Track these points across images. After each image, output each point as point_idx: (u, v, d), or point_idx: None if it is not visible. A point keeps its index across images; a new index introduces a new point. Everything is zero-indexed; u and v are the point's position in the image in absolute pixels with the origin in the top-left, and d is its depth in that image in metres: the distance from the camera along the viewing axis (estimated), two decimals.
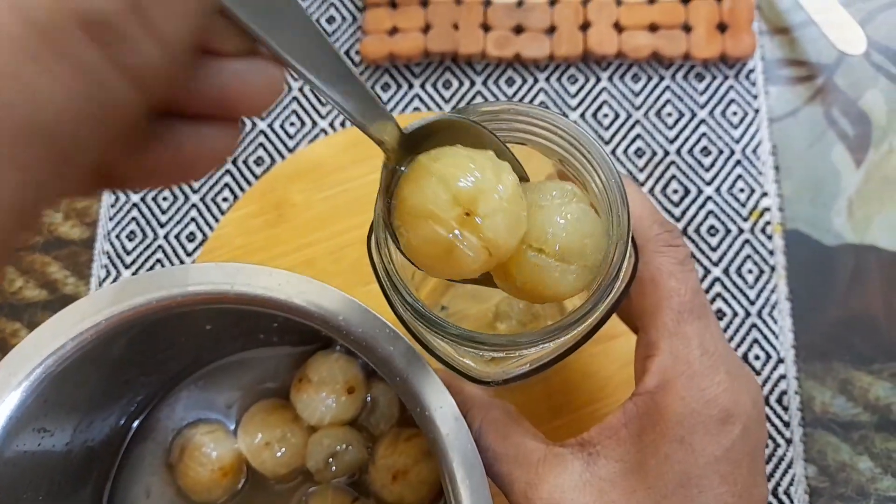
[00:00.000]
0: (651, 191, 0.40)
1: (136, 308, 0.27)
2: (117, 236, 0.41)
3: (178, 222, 0.41)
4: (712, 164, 0.40)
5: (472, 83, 0.42)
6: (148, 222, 0.42)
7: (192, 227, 0.41)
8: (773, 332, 0.38)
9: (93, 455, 0.33)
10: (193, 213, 0.41)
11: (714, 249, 0.39)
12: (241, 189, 0.42)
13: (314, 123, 0.42)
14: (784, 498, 0.36)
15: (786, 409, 0.37)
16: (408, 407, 0.26)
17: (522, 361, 0.23)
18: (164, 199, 0.42)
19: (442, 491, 0.34)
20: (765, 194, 0.40)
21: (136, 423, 0.35)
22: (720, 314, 0.38)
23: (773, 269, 0.39)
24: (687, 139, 0.41)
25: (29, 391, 0.26)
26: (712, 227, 0.40)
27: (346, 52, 0.43)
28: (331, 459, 0.34)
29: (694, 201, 0.40)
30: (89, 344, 0.27)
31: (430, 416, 0.26)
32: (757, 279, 0.39)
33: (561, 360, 0.23)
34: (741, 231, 0.39)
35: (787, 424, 0.37)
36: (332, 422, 0.33)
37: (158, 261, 0.41)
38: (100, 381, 0.30)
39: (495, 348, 0.20)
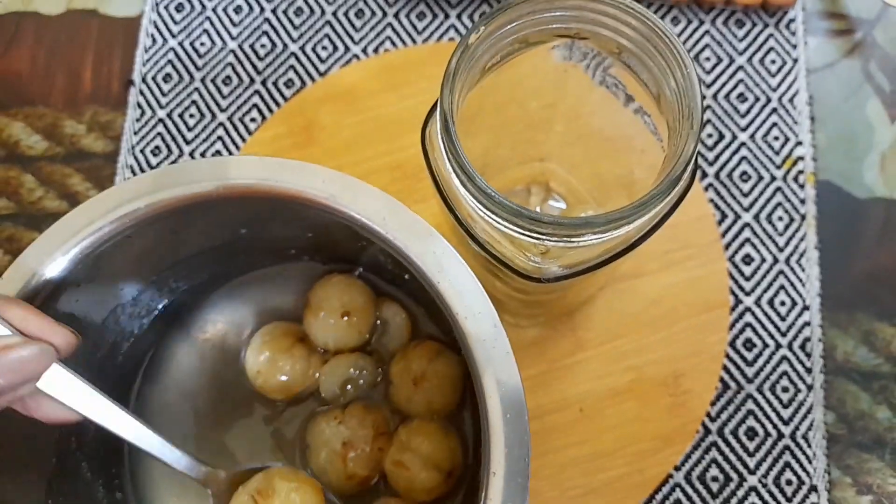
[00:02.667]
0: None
1: (176, 196, 0.26)
2: (141, 151, 0.41)
3: (205, 140, 0.41)
4: (748, 111, 0.40)
5: None
6: (174, 138, 0.41)
7: (219, 145, 0.41)
8: (800, 280, 0.38)
9: (117, 355, 0.32)
10: (220, 131, 0.41)
11: (745, 195, 0.39)
12: (270, 110, 0.41)
13: (346, 48, 0.42)
14: (802, 442, 0.36)
15: (808, 355, 0.37)
16: (445, 313, 0.26)
17: (573, 260, 0.23)
18: (191, 116, 0.41)
19: (466, 390, 0.34)
20: (799, 143, 0.40)
21: (160, 337, 0.35)
22: (748, 259, 0.38)
23: (803, 217, 0.39)
24: (724, 84, 0.41)
25: (64, 271, 0.26)
26: (745, 172, 0.39)
27: None
28: (349, 387, 0.34)
29: (728, 146, 0.40)
30: (127, 230, 0.26)
31: (467, 321, 0.25)
32: (787, 227, 0.39)
33: (605, 265, 0.23)
34: (773, 178, 0.39)
35: (808, 371, 0.37)
36: (340, 346, 0.33)
37: None
38: (132, 273, 0.29)
39: (558, 228, 0.19)
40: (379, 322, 0.35)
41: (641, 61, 0.22)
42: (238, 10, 0.43)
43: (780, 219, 0.39)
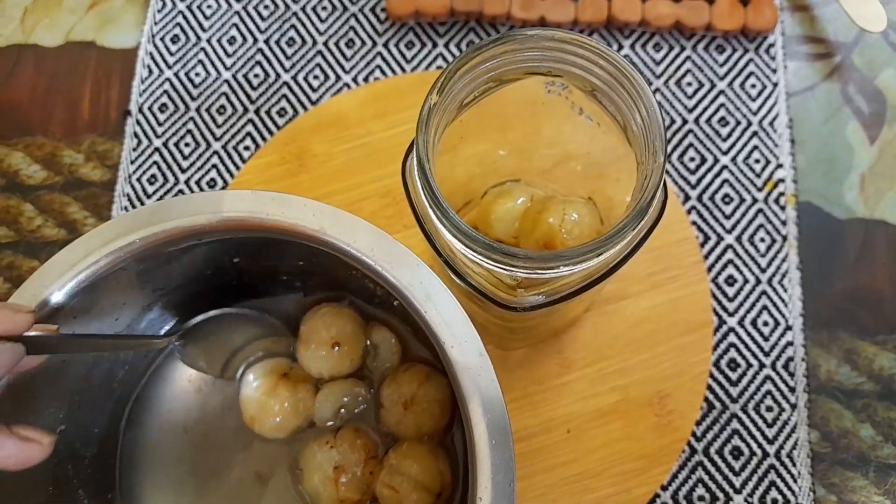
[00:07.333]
0: (668, 158, 0.41)
1: (169, 230, 0.27)
2: (138, 179, 0.42)
3: (200, 168, 0.42)
4: (729, 135, 0.41)
5: None
6: (169, 167, 0.42)
7: (213, 173, 0.42)
8: (783, 300, 0.39)
9: (112, 381, 0.33)
10: (215, 159, 0.42)
11: (728, 217, 0.40)
12: (263, 138, 0.42)
13: (338, 77, 0.43)
14: (787, 461, 0.37)
15: (792, 375, 0.38)
16: (432, 341, 0.27)
17: (548, 289, 0.23)
18: (187, 145, 0.42)
19: (455, 411, 0.35)
20: (779, 166, 0.41)
21: (154, 364, 0.35)
22: (731, 280, 0.39)
23: (784, 238, 0.40)
24: (705, 109, 0.42)
25: (61, 303, 0.27)
26: (727, 195, 0.40)
27: (372, 9, 0.44)
28: (342, 411, 0.34)
29: (710, 170, 0.41)
30: (122, 262, 0.27)
31: (453, 349, 0.26)
32: (769, 248, 0.39)
33: (584, 292, 0.24)
34: (755, 201, 0.40)
35: (792, 390, 0.38)
36: (334, 375, 0.34)
37: None
38: (127, 302, 0.30)
39: (532, 262, 0.20)
40: (369, 346, 0.35)
41: (611, 99, 0.23)
42: (232, 40, 0.44)
43: (762, 240, 0.40)
